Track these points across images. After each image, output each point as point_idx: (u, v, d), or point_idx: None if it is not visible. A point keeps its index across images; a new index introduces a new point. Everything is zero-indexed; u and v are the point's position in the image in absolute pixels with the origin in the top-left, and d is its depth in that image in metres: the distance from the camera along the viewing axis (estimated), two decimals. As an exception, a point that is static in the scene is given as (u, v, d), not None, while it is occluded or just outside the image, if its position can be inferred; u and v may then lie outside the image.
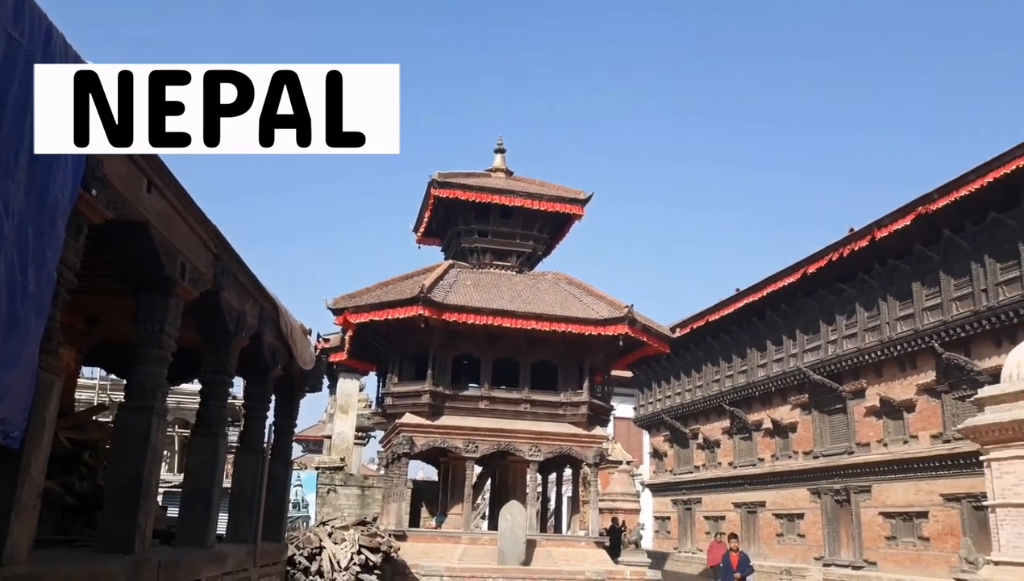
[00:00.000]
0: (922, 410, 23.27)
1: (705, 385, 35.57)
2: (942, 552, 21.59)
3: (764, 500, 30.66)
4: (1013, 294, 20.09)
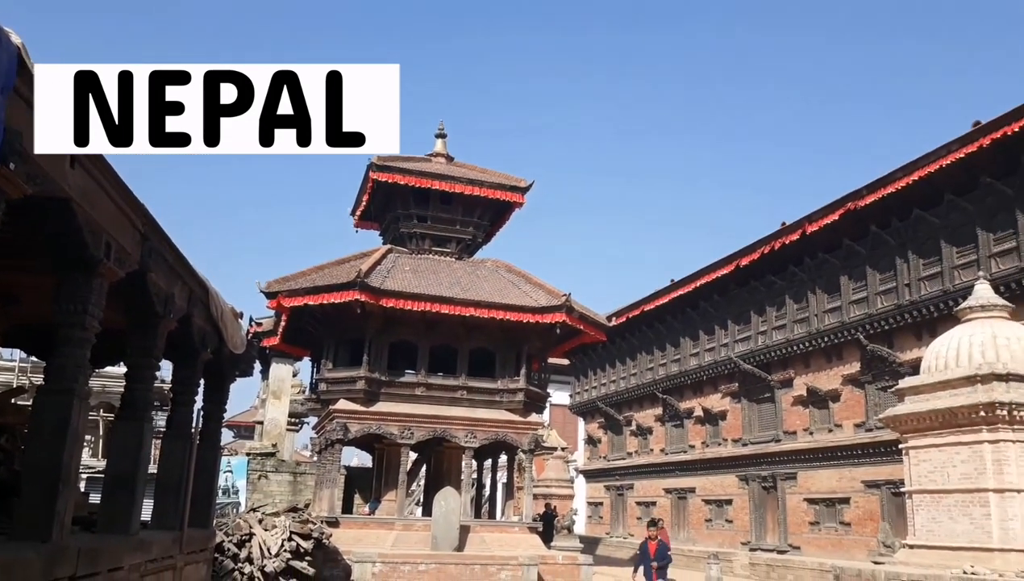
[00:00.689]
0: (847, 400, 24.07)
1: (640, 373, 36.12)
2: (862, 536, 22.42)
3: (694, 486, 31.35)
4: (934, 289, 20.89)
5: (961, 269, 20.08)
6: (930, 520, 13.52)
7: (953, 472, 13.27)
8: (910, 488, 14.11)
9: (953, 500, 13.19)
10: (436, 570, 19.06)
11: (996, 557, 12.17)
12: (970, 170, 19.39)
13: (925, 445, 13.87)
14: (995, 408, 12.57)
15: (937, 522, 13.40)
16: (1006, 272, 18.72)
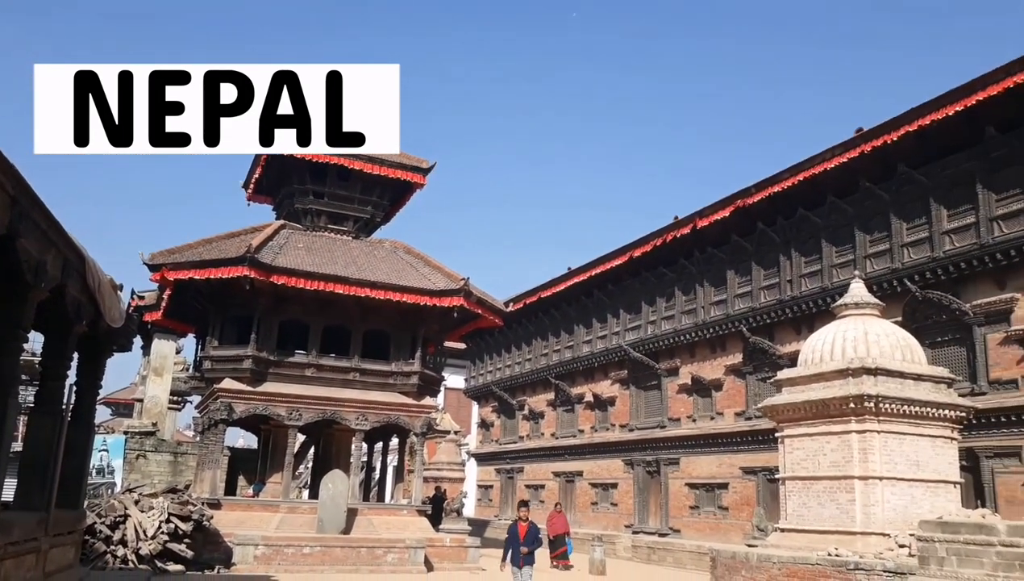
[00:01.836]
0: (729, 389, 25.06)
1: (534, 359, 36.54)
2: (738, 520, 23.45)
3: (582, 470, 32.03)
4: (813, 286, 21.98)
5: (839, 268, 21.18)
6: (801, 505, 14.26)
7: (823, 460, 14.02)
8: (784, 475, 14.82)
9: (822, 486, 13.95)
10: (321, 553, 18.79)
11: (858, 540, 12.96)
12: (851, 174, 20.44)
13: (799, 434, 14.59)
14: (864, 400, 13.34)
15: (807, 507, 14.15)
16: (879, 272, 19.87)
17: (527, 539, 11.83)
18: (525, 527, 11.96)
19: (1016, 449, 16.79)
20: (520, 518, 12.22)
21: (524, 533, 11.88)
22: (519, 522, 12.13)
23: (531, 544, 11.83)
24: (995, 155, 17.82)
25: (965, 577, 9.18)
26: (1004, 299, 17.54)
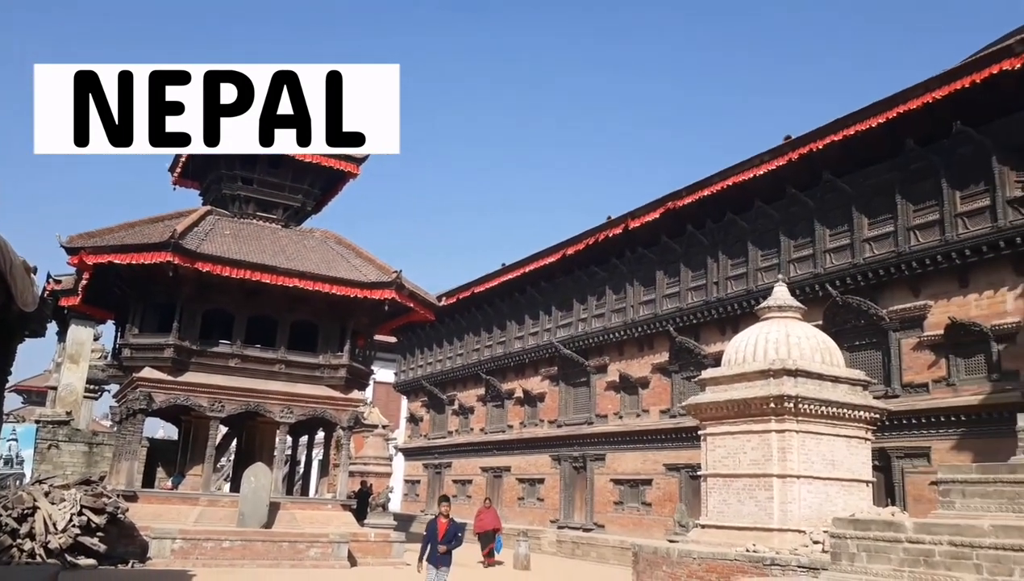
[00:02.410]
0: (655, 387, 25.49)
1: (466, 354, 36.50)
2: (661, 516, 23.88)
3: (510, 465, 32.15)
4: (739, 288, 22.51)
5: (764, 271, 21.74)
6: (721, 502, 14.57)
7: (744, 458, 14.36)
8: (705, 472, 15.12)
9: (742, 484, 14.28)
10: (242, 547, 18.39)
11: (775, 536, 13.31)
12: (778, 180, 20.99)
13: (721, 432, 14.90)
14: (784, 401, 13.70)
15: (727, 504, 14.46)
16: (802, 277, 20.47)
17: (446, 537, 11.15)
18: (445, 524, 11.30)
19: (925, 450, 17.52)
20: (441, 514, 11.54)
21: (444, 531, 11.20)
22: (439, 518, 11.46)
23: (449, 543, 11.16)
24: (914, 167, 18.53)
25: (873, 572, 9.50)
26: (918, 306, 18.27)
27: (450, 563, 11.25)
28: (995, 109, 16.84)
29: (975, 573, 8.52)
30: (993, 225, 16.87)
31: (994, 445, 14.71)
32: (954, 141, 17.62)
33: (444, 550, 11.10)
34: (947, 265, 17.65)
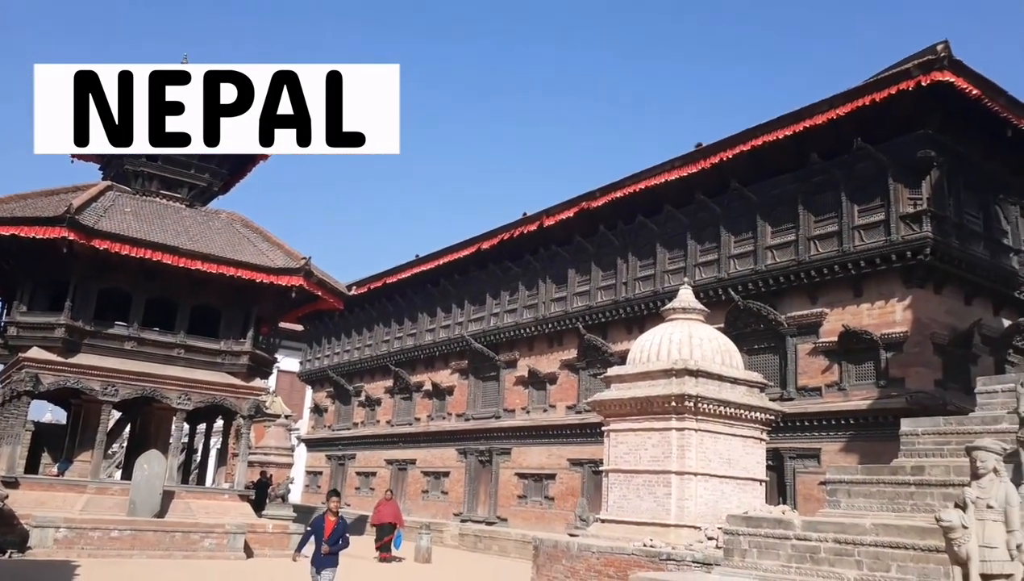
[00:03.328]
0: (562, 383, 25.79)
1: (375, 345, 36.07)
2: (563, 510, 24.17)
3: (415, 458, 31.97)
4: (646, 289, 22.99)
5: (671, 274, 22.26)
6: (621, 497, 14.85)
7: (644, 454, 14.67)
8: (607, 467, 15.38)
9: (642, 480, 14.59)
10: (132, 537, 17.69)
11: (672, 532, 13.66)
12: (688, 186, 21.51)
13: (624, 429, 15.19)
14: (684, 400, 14.06)
15: (627, 499, 14.76)
16: (707, 280, 21.05)
17: (332, 536, 9.96)
18: (333, 523, 10.09)
19: (816, 451, 18.30)
20: (329, 511, 10.24)
21: (331, 529, 10.01)
22: (327, 515, 10.17)
23: (335, 543, 9.99)
24: (816, 180, 19.30)
25: (763, 568, 9.86)
26: (815, 313, 19.05)
27: (335, 565, 10.04)
28: (893, 128, 17.71)
29: (856, 569, 8.95)
30: (886, 239, 17.73)
31: (879, 448, 15.46)
32: (854, 157, 18.43)
33: (327, 551, 9.91)
34: (843, 275, 18.45)
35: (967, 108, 17.16)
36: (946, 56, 16.23)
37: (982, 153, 18.66)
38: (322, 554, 9.85)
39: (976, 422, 10.49)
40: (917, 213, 17.44)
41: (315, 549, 9.97)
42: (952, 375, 17.45)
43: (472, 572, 20.37)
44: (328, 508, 10.26)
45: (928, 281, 17.64)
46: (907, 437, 11.13)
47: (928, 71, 16.37)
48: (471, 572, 20.36)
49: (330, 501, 10.40)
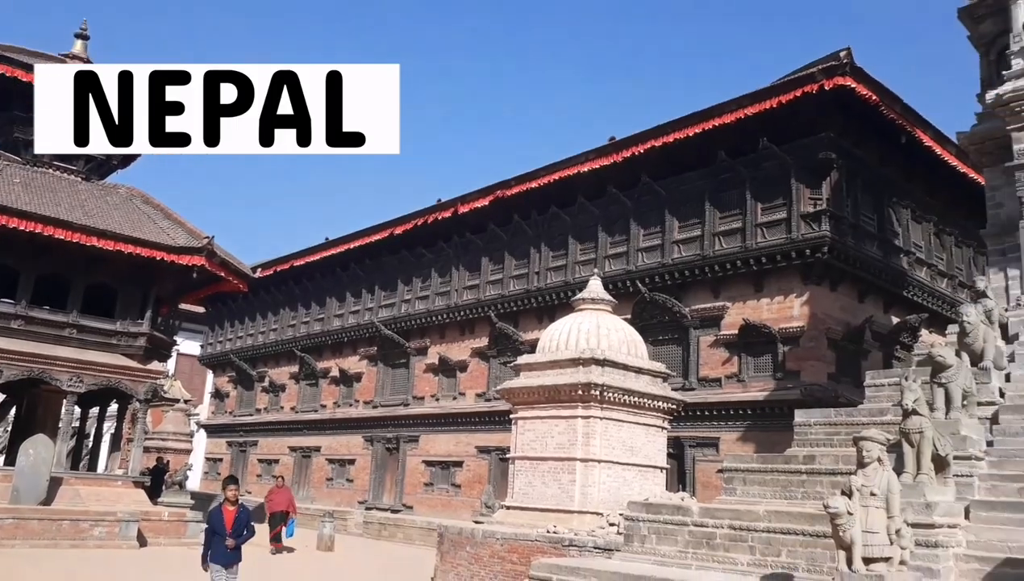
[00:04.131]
0: (473, 371, 25.81)
1: (280, 329, 35.24)
2: (469, 498, 24.24)
3: (320, 445, 31.46)
4: (558, 280, 23.22)
5: (582, 265, 22.54)
6: (527, 484, 14.98)
7: (551, 442, 14.83)
8: (514, 454, 15.48)
9: (548, 467, 14.75)
10: (14, 525, 16.78)
11: (575, 518, 13.86)
12: (601, 179, 21.81)
13: (532, 416, 15.31)
14: (591, 388, 14.27)
15: (532, 486, 14.89)
16: (616, 272, 21.40)
17: (235, 528, 8.90)
18: (233, 512, 9.01)
19: (715, 440, 18.90)
20: (227, 500, 9.16)
21: (232, 521, 8.93)
22: (225, 506, 9.08)
23: (240, 535, 8.95)
24: (722, 177, 19.86)
25: (662, 553, 10.12)
26: (717, 307, 19.63)
27: (240, 559, 9.07)
28: (797, 130, 18.39)
29: (749, 554, 9.28)
30: (787, 237, 18.41)
31: (775, 438, 16.07)
32: (760, 156, 19.05)
33: (233, 545, 8.85)
34: (745, 270, 19.07)
35: (866, 114, 17.96)
36: (848, 62, 16.93)
37: (878, 158, 19.58)
38: (227, 549, 8.81)
39: (864, 414, 11.03)
40: (817, 213, 18.17)
41: (215, 545, 8.86)
42: (844, 369, 18.29)
43: (375, 560, 20.19)
44: (225, 497, 9.23)
45: (825, 278, 18.42)
46: (800, 427, 11.61)
47: (831, 76, 17.05)
48: (373, 560, 20.18)
49: (226, 489, 9.31)
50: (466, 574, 13.98)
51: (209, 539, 8.96)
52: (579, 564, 10.43)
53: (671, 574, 9.07)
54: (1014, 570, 7.39)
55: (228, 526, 8.86)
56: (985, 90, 12.60)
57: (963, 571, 7.64)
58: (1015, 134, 11.53)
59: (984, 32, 13.38)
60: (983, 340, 10.46)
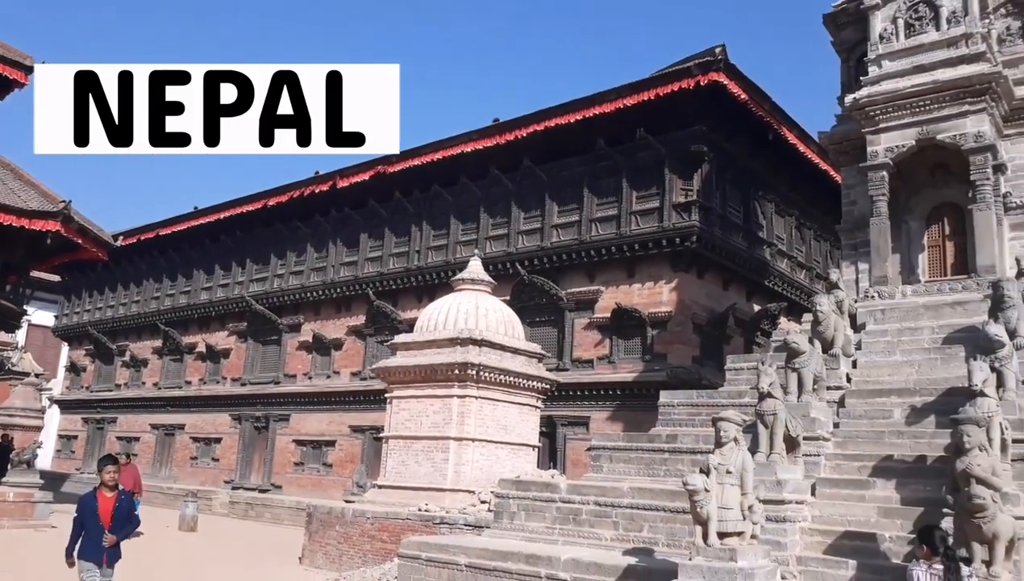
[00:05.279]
0: (348, 349, 25.41)
1: (144, 301, 33.50)
2: (341, 477, 23.93)
3: (185, 423, 30.22)
4: (439, 259, 23.15)
5: (463, 245, 22.56)
6: (400, 463, 14.96)
7: (426, 421, 14.86)
8: (388, 434, 15.42)
9: (422, 446, 14.77)
10: None
11: (447, 496, 13.96)
12: (484, 160, 21.85)
13: (407, 396, 15.28)
14: (468, 368, 14.38)
15: (405, 465, 14.88)
16: (496, 254, 21.55)
17: (116, 520, 7.09)
18: (112, 500, 7.14)
19: (585, 419, 19.43)
20: (104, 485, 7.21)
21: (110, 510, 7.08)
22: (101, 491, 7.19)
23: (121, 529, 7.16)
24: (601, 165, 20.31)
25: (530, 529, 10.34)
26: (592, 290, 20.12)
27: (120, 557, 7.25)
28: (673, 122, 19.01)
29: (613, 530, 9.62)
30: (659, 225, 19.06)
31: (642, 418, 16.66)
32: (637, 146, 19.59)
33: (114, 542, 7.05)
34: (619, 256, 19.64)
35: (737, 110, 18.77)
36: (723, 59, 17.64)
37: (747, 153, 20.53)
38: (105, 545, 6.97)
39: (724, 396, 11.62)
40: (688, 203, 18.89)
41: (87, 540, 7.04)
42: (708, 353, 19.18)
43: (240, 541, 19.63)
44: (101, 481, 7.26)
45: (693, 266, 19.21)
46: (664, 408, 12.10)
47: (706, 72, 17.71)
48: (238, 541, 19.62)
49: (103, 471, 7.29)
50: (335, 553, 13.84)
51: (78, 533, 7.10)
52: (448, 541, 10.51)
53: (537, 550, 9.29)
54: (851, 542, 8.00)
55: (106, 518, 7.04)
56: (845, 94, 13.39)
57: (807, 544, 8.20)
58: (870, 137, 12.35)
59: (845, 39, 14.21)
60: (834, 329, 11.20)
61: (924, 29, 12.31)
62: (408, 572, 10.16)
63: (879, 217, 12.21)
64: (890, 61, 12.41)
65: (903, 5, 12.53)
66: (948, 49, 11.93)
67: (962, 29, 11.90)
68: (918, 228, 12.67)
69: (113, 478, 7.29)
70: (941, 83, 11.73)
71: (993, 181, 11.62)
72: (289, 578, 13.40)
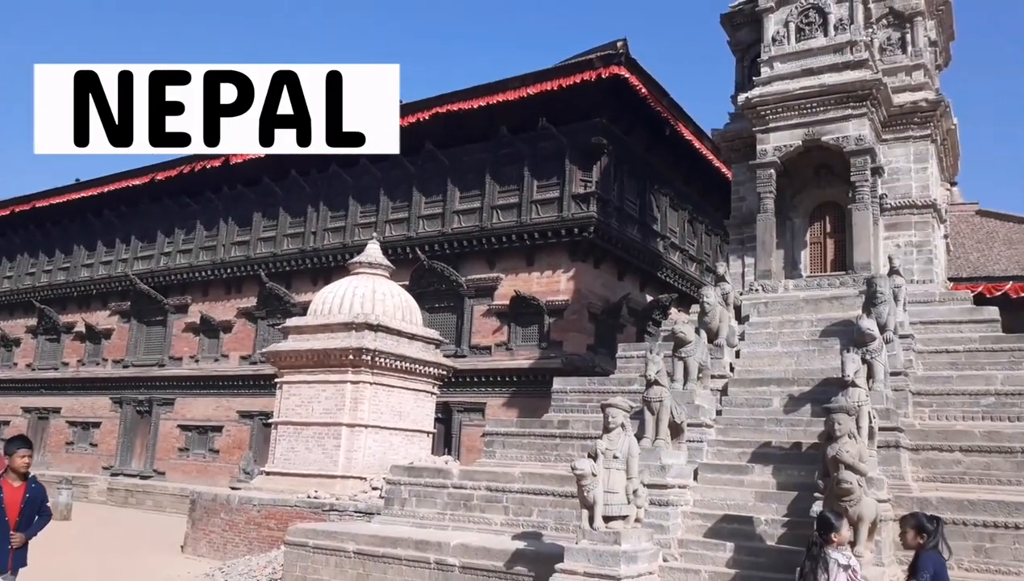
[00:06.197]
0: (238, 332, 24.63)
1: (17, 277, 31.51)
2: (228, 463, 23.21)
3: (60, 406, 28.65)
4: (336, 241, 22.69)
5: (362, 228, 22.17)
6: (289, 450, 14.62)
7: (318, 407, 14.57)
8: (277, 419, 15.05)
9: (312, 432, 14.48)
10: None
11: (338, 483, 13.74)
12: (384, 141, 21.47)
13: (298, 381, 14.94)
14: (363, 353, 14.17)
15: (295, 451, 14.56)
16: (396, 238, 21.29)
17: (23, 516, 5.94)
18: (20, 491, 5.95)
19: (481, 405, 19.49)
20: (11, 471, 5.98)
21: (17, 504, 5.90)
22: (6, 480, 5.95)
23: (28, 526, 6.01)
24: (503, 152, 20.35)
25: (421, 515, 10.28)
26: (492, 278, 20.16)
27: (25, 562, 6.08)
28: (574, 113, 19.21)
29: (504, 515, 9.68)
30: (559, 215, 19.25)
31: (537, 404, 16.80)
32: (539, 135, 19.71)
33: (21, 542, 5.93)
34: (519, 244, 19.75)
35: (636, 104, 19.14)
36: (624, 53, 17.92)
37: (645, 146, 20.97)
38: (11, 547, 5.84)
39: (614, 383, 11.84)
40: (586, 194, 19.16)
41: None
42: (602, 341, 19.54)
43: (117, 529, 18.77)
44: (8, 467, 5.99)
45: (590, 256, 19.51)
46: (557, 394, 12.24)
47: (608, 65, 17.96)
48: (115, 529, 18.76)
49: (15, 456, 5.98)
50: (219, 541, 13.43)
51: None
52: (336, 528, 10.34)
53: (427, 536, 9.25)
54: (729, 525, 8.30)
55: (12, 512, 5.89)
56: (738, 93, 13.81)
57: (689, 527, 8.45)
58: (760, 135, 12.78)
59: (741, 39, 14.66)
60: (719, 320, 11.57)
61: (813, 34, 12.81)
62: (294, 560, 9.94)
63: (766, 213, 12.67)
64: (781, 63, 12.87)
65: (795, 10, 13.00)
66: (835, 55, 12.46)
67: (848, 36, 12.45)
68: (802, 225, 13.21)
69: (26, 463, 6.02)
70: (827, 87, 12.24)
71: (871, 183, 12.22)
72: (170, 567, 12.90)
